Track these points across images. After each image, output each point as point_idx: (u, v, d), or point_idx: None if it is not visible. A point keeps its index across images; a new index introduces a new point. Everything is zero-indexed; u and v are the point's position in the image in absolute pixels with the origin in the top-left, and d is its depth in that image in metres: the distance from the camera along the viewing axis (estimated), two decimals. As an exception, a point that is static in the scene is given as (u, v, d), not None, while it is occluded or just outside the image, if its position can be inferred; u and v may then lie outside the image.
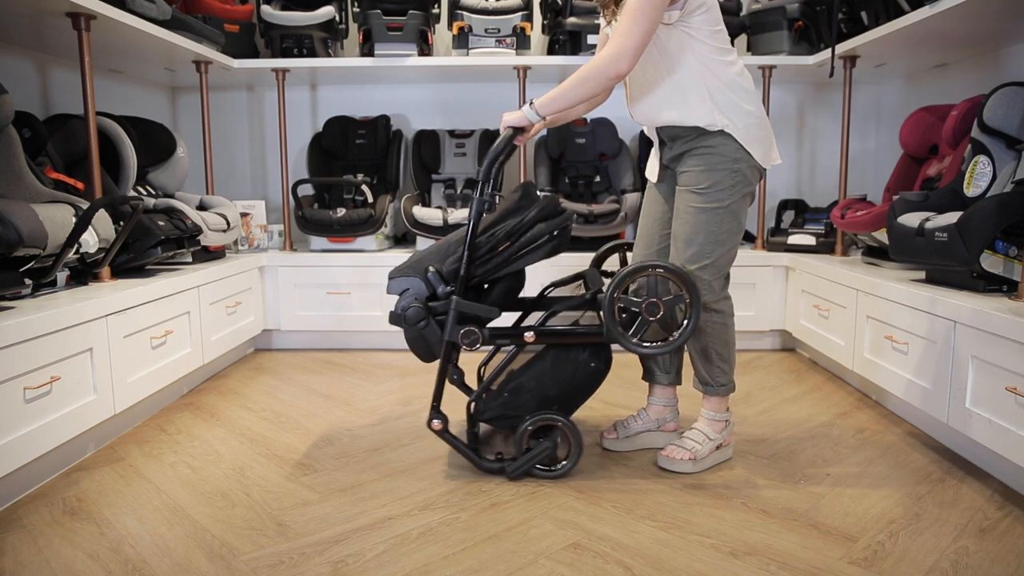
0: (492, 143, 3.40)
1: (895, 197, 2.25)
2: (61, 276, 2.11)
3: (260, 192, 3.75)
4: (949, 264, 1.93)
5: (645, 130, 1.96)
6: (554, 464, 1.81)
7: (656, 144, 1.91)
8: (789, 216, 3.30)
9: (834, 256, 2.92)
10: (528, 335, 1.76)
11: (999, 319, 1.66)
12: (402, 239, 3.58)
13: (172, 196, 2.79)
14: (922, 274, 2.27)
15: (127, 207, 2.23)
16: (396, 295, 1.78)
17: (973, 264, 1.86)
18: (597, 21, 2.97)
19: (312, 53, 3.13)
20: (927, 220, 2.00)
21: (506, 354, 1.88)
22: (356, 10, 3.21)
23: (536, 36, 3.49)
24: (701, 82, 1.73)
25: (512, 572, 1.39)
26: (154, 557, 1.44)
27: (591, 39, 3.05)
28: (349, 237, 3.13)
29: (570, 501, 1.68)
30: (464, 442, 1.85)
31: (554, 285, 2.15)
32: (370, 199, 3.25)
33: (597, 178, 3.42)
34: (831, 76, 2.78)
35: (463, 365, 1.89)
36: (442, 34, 3.49)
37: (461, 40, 3.12)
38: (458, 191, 3.43)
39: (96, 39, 2.33)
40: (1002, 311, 1.67)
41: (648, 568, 1.40)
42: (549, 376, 1.79)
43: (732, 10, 3.19)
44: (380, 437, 2.10)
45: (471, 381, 2.28)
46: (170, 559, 1.44)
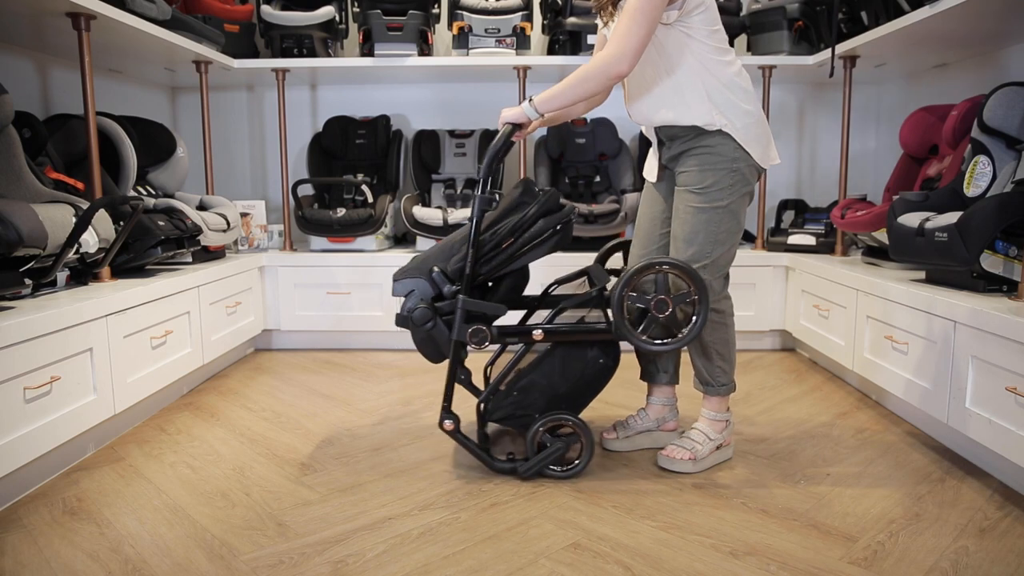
0: (492, 143, 3.40)
1: (895, 197, 2.25)
2: (61, 276, 2.11)
3: (260, 192, 3.75)
4: (949, 264, 1.93)
5: (644, 130, 1.96)
6: (566, 464, 1.81)
7: (654, 144, 1.91)
8: (789, 216, 3.30)
9: (834, 256, 2.92)
10: (537, 333, 1.75)
11: (999, 319, 1.66)
12: (402, 239, 3.58)
13: (172, 196, 2.79)
14: (922, 274, 2.27)
15: (127, 207, 2.23)
16: (401, 297, 1.77)
17: (973, 264, 1.86)
18: (596, 21, 2.97)
19: (312, 53, 3.13)
20: (927, 220, 2.00)
21: (513, 354, 1.87)
22: (356, 10, 3.21)
23: (536, 36, 3.49)
24: (699, 82, 1.73)
25: (512, 572, 1.39)
26: (154, 557, 1.44)
27: (591, 39, 3.05)
28: (349, 237, 3.13)
29: (570, 501, 1.68)
30: (476, 442, 1.85)
31: (558, 283, 2.15)
32: (370, 199, 3.25)
33: (597, 178, 3.43)
34: (831, 76, 2.78)
35: (469, 365, 1.89)
36: (442, 34, 3.49)
37: (461, 40, 3.12)
38: (458, 191, 3.43)
39: (96, 39, 2.33)
40: (1002, 311, 1.67)
41: (648, 568, 1.40)
42: (559, 374, 1.79)
43: (732, 10, 3.19)
44: (380, 437, 2.10)
45: (477, 381, 2.29)
46: (170, 559, 1.44)
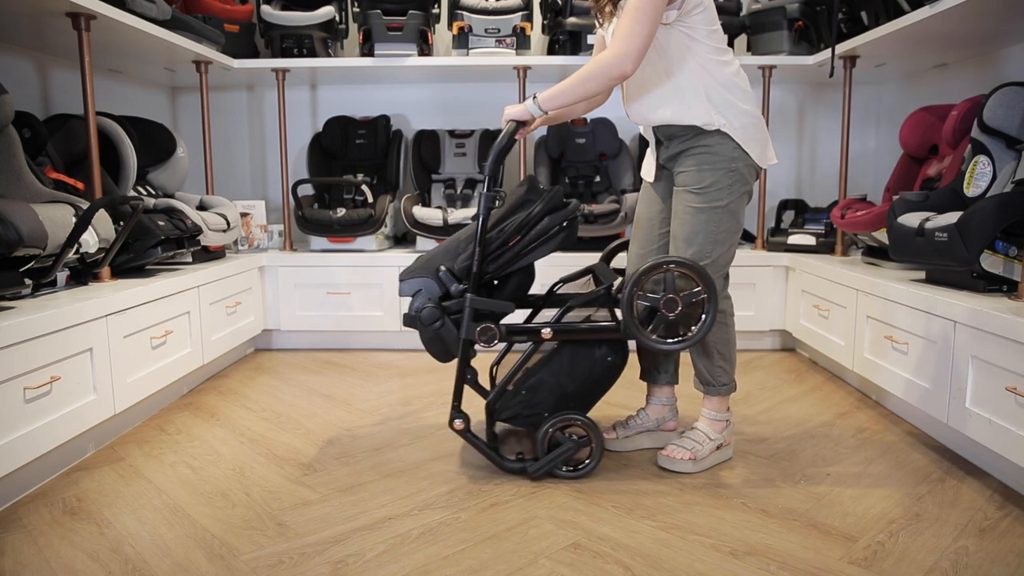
0: (492, 143, 3.40)
1: (895, 197, 2.25)
2: (61, 276, 2.11)
3: (260, 192, 3.75)
4: (949, 264, 1.93)
5: (642, 129, 1.96)
6: (576, 464, 1.81)
7: (652, 143, 1.91)
8: (789, 216, 3.30)
9: (834, 256, 2.92)
10: (546, 331, 1.75)
11: (999, 319, 1.66)
12: (402, 239, 3.58)
13: (172, 196, 2.79)
14: (922, 274, 2.27)
15: (127, 207, 2.23)
16: (408, 297, 1.77)
17: (973, 264, 1.86)
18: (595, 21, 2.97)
19: (312, 53, 3.13)
20: (927, 220, 2.00)
21: (520, 353, 1.87)
22: (356, 10, 3.22)
23: (536, 36, 3.49)
24: (698, 82, 1.73)
25: (512, 572, 1.39)
26: (154, 557, 1.44)
27: (591, 39, 3.05)
28: (349, 237, 3.13)
29: (570, 501, 1.68)
30: (485, 441, 1.84)
31: (563, 281, 2.15)
32: (370, 199, 3.25)
33: (597, 178, 3.43)
34: (831, 76, 2.78)
35: (473, 365, 1.88)
36: (442, 34, 3.49)
37: (461, 40, 3.12)
38: (458, 191, 3.43)
39: (96, 39, 2.33)
40: (1002, 311, 1.67)
41: (648, 568, 1.40)
42: (567, 372, 1.79)
43: (732, 10, 3.19)
44: (380, 437, 2.10)
45: (483, 381, 2.28)
46: (170, 559, 1.44)
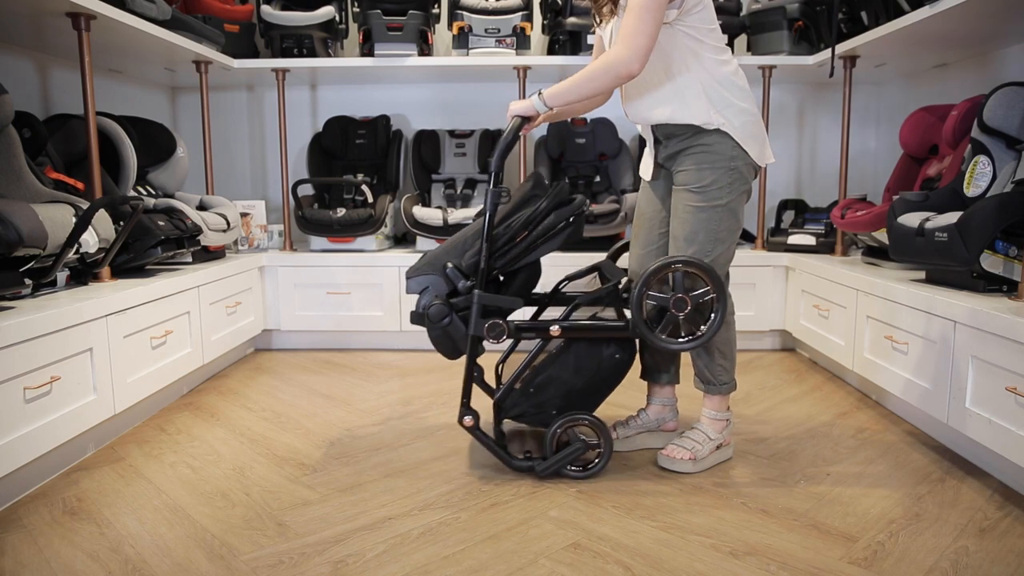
0: (492, 143, 3.40)
1: (895, 197, 2.25)
2: (61, 276, 2.11)
3: (260, 192, 3.75)
4: (949, 264, 1.93)
5: (640, 128, 1.96)
6: (585, 464, 1.81)
7: (650, 142, 1.91)
8: (789, 216, 3.30)
9: (834, 256, 2.92)
10: (554, 328, 1.75)
11: (999, 319, 1.66)
12: (402, 239, 3.58)
13: (172, 196, 2.79)
14: (922, 274, 2.27)
15: (127, 207, 2.23)
16: (416, 294, 1.76)
17: (973, 264, 1.86)
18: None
19: (312, 53, 3.13)
20: (927, 220, 2.00)
21: (527, 352, 1.87)
22: (356, 10, 3.22)
23: (536, 36, 3.49)
24: (697, 80, 1.73)
25: (512, 572, 1.39)
26: (154, 557, 1.44)
27: (591, 39, 3.05)
28: (349, 237, 3.13)
29: (570, 501, 1.68)
30: (493, 439, 1.84)
31: (568, 279, 2.15)
32: (370, 199, 3.25)
33: (597, 178, 3.43)
34: (831, 76, 2.78)
35: (479, 363, 1.88)
36: (442, 34, 3.49)
37: (461, 40, 3.12)
38: (458, 191, 3.43)
39: (96, 39, 2.33)
40: (1002, 311, 1.67)
41: (648, 568, 1.40)
42: (575, 370, 1.79)
43: (732, 10, 3.19)
44: (380, 437, 2.10)
45: (488, 379, 2.28)
46: (170, 559, 1.44)
